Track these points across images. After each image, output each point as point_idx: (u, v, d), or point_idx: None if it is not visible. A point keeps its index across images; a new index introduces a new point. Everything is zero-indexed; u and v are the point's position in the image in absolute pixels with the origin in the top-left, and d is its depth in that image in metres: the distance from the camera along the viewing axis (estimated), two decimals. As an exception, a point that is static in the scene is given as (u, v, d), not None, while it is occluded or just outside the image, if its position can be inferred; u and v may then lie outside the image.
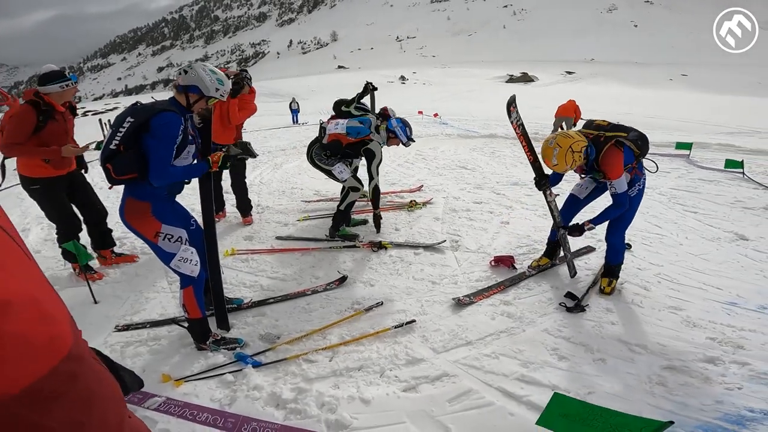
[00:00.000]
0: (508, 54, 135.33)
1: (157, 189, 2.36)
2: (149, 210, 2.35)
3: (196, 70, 2.37)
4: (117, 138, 2.23)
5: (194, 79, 2.36)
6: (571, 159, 2.71)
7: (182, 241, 2.40)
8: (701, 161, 7.16)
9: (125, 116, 2.25)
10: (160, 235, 2.35)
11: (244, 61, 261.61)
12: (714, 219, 4.52)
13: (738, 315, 2.67)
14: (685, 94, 34.02)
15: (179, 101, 2.40)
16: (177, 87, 2.40)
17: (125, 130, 2.22)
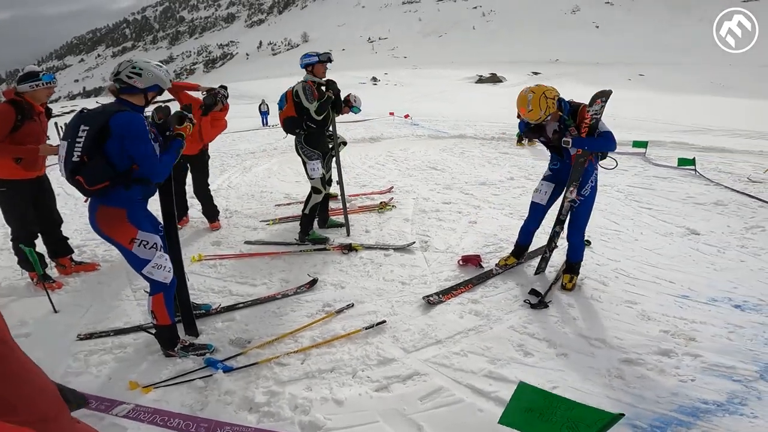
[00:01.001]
0: (478, 55, 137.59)
1: (132, 193, 2.30)
2: (125, 216, 2.30)
3: (148, 68, 2.31)
4: (77, 149, 2.15)
5: (152, 79, 2.32)
6: (545, 104, 2.85)
7: (157, 247, 2.37)
8: (656, 159, 7.50)
9: (77, 125, 2.17)
10: (136, 242, 2.31)
11: (211, 63, 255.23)
12: (667, 215, 4.75)
13: (690, 308, 2.83)
14: (642, 94, 35.49)
15: (135, 102, 2.34)
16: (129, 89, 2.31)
17: (83, 140, 2.15)
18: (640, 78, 69.53)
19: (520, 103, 2.96)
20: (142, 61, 2.34)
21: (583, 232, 3.15)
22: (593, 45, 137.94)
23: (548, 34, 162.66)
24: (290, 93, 4.10)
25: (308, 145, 4.16)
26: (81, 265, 3.85)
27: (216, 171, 8.39)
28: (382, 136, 12.41)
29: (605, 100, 2.88)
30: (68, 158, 2.17)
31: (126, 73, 2.28)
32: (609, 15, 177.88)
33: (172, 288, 2.49)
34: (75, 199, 6.20)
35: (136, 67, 2.30)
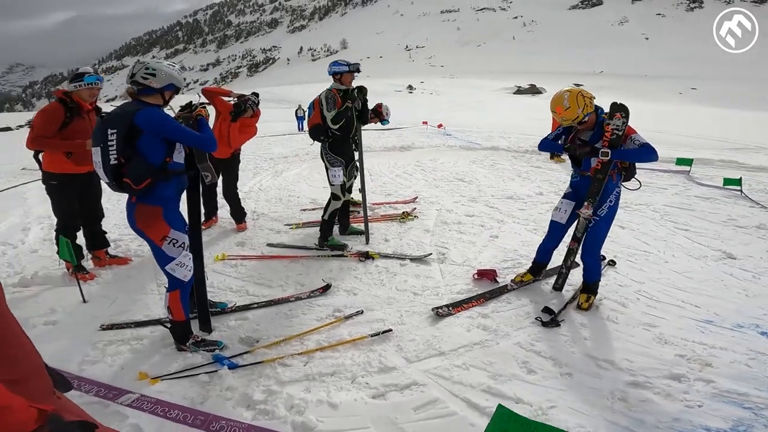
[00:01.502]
0: (517, 65, 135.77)
1: (169, 189, 2.44)
2: (161, 214, 2.43)
3: (162, 69, 2.42)
4: (112, 152, 2.29)
5: (167, 78, 2.42)
6: (583, 102, 2.82)
7: (184, 246, 2.51)
8: (701, 178, 7.15)
9: (104, 130, 2.29)
10: (167, 239, 2.44)
11: (254, 67, 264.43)
12: (704, 237, 4.54)
13: (712, 333, 2.70)
14: (693, 109, 33.95)
15: (153, 102, 2.45)
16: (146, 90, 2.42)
17: (115, 143, 2.28)
18: (692, 92, 66.46)
19: (555, 103, 2.92)
20: (154, 62, 2.47)
21: (598, 252, 3.07)
22: (641, 57, 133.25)
23: (593, 45, 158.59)
24: (317, 101, 4.21)
25: (332, 152, 4.26)
26: (115, 258, 4.08)
27: (249, 174, 8.68)
28: (413, 145, 12.43)
29: (625, 115, 2.81)
30: (105, 162, 2.31)
31: (141, 74, 2.39)
32: (660, 26, 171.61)
33: (189, 286, 2.61)
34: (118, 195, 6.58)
35: (149, 68, 2.41)
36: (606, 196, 2.97)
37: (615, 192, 3.00)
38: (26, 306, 3.23)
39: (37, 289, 3.57)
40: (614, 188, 2.99)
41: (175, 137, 2.40)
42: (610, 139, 2.84)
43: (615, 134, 2.83)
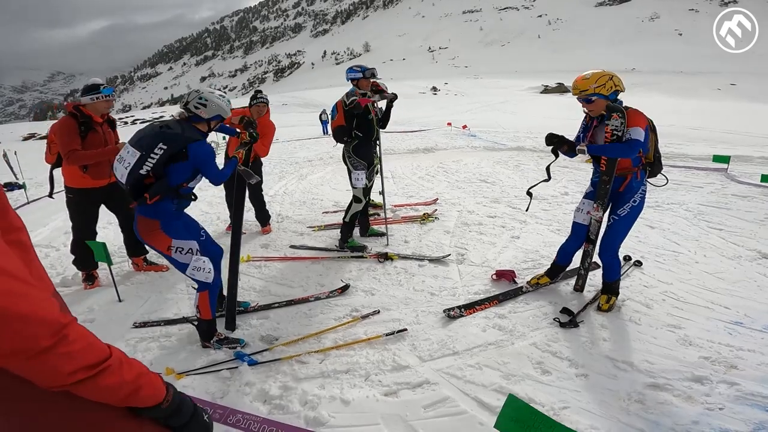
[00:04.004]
0: (543, 64, 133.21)
1: (165, 206, 2.54)
2: (158, 227, 2.53)
3: (212, 100, 2.60)
4: (149, 164, 2.40)
5: (215, 110, 2.61)
6: (602, 80, 2.74)
7: (193, 252, 2.59)
8: (739, 175, 6.85)
9: (156, 141, 2.41)
10: (172, 248, 2.55)
11: (280, 72, 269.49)
12: (739, 237, 4.36)
13: (740, 335, 2.60)
14: (732, 105, 32.40)
15: (201, 128, 2.63)
16: (195, 117, 2.61)
17: (158, 158, 2.40)
18: (731, 88, 63.46)
19: (577, 81, 2.86)
20: (207, 91, 2.64)
21: (615, 251, 2.99)
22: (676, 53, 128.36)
23: (623, 42, 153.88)
24: (340, 103, 4.29)
25: (356, 155, 4.33)
26: (152, 265, 4.18)
27: (275, 178, 8.88)
28: (437, 147, 12.40)
29: (622, 116, 2.74)
30: (136, 169, 2.42)
31: (194, 103, 2.59)
32: (693, 22, 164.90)
33: (216, 286, 2.72)
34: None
35: (203, 99, 2.59)
36: (629, 196, 2.90)
37: (640, 191, 2.91)
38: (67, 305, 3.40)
39: (77, 289, 3.78)
40: (639, 187, 2.90)
41: (203, 170, 2.60)
42: (610, 140, 2.79)
43: (615, 135, 2.77)
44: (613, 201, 3.00)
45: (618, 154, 2.80)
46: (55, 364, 0.79)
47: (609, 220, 2.99)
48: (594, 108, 2.86)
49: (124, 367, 0.91)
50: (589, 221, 3.06)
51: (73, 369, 0.81)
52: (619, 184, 2.94)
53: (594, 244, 3.07)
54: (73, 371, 0.81)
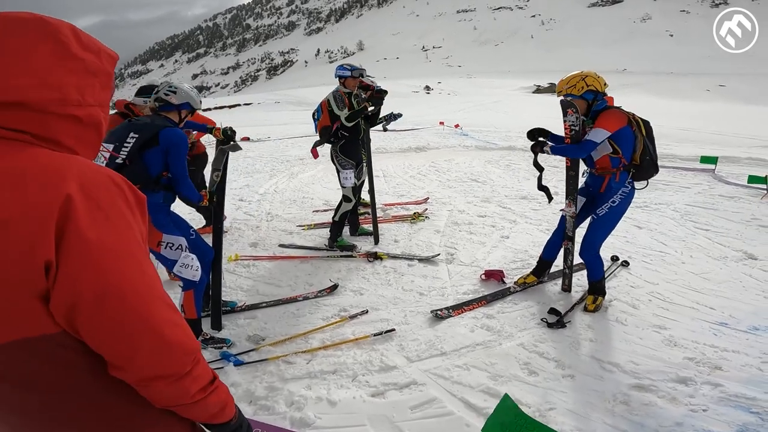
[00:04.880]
0: (536, 64, 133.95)
1: (154, 198, 2.53)
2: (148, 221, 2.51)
3: (182, 88, 2.65)
4: (123, 152, 2.41)
5: (185, 97, 2.64)
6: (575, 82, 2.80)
7: (182, 248, 2.56)
8: (727, 176, 6.93)
9: (126, 132, 2.43)
10: (162, 244, 2.52)
11: (273, 69, 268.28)
12: (725, 237, 4.41)
13: (725, 336, 2.63)
14: (720, 106, 32.82)
15: (172, 118, 2.63)
16: (166, 106, 2.62)
17: (131, 146, 2.41)
18: (720, 89, 64.25)
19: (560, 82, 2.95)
20: (177, 82, 2.70)
21: (596, 250, 2.99)
22: (667, 54, 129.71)
23: (615, 43, 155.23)
24: (325, 103, 4.26)
25: (343, 155, 4.30)
26: None
27: (265, 176, 8.81)
28: (429, 146, 12.38)
29: (576, 110, 2.77)
30: (112, 159, 2.42)
31: (164, 91, 2.63)
32: (684, 23, 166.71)
33: (202, 285, 2.69)
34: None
35: (172, 87, 2.65)
36: (608, 196, 2.90)
37: (621, 192, 2.90)
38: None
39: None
40: (619, 188, 2.90)
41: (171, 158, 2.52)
42: (570, 136, 2.83)
43: (573, 130, 2.82)
44: (595, 200, 3.04)
45: (568, 154, 2.90)
46: (188, 386, 0.83)
47: (589, 220, 3.02)
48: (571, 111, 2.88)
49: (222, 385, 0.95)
50: (587, 216, 3.09)
51: (197, 390, 0.85)
52: (599, 184, 2.98)
53: (572, 241, 3.10)
54: (196, 392, 0.85)
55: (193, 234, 2.83)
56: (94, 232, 0.73)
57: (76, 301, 0.72)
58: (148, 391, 0.82)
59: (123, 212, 0.78)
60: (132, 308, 0.75)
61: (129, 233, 0.79)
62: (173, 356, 0.80)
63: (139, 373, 0.79)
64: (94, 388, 0.81)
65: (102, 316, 0.73)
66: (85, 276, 0.71)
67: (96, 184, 0.76)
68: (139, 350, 0.77)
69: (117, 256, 0.75)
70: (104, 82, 0.85)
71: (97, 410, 0.82)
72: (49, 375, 0.76)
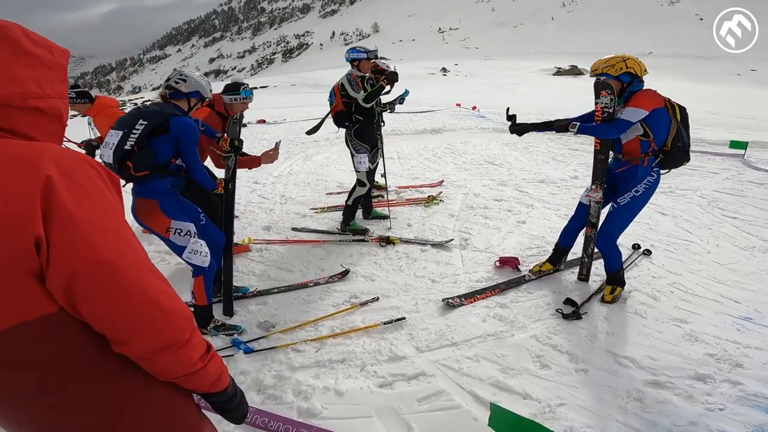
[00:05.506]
0: (556, 46, 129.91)
1: (163, 184, 2.51)
2: (157, 206, 2.51)
3: (192, 76, 2.63)
4: (131, 139, 2.38)
5: (195, 85, 2.61)
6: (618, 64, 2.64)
7: (191, 234, 2.56)
8: (756, 162, 6.63)
9: (135, 119, 2.40)
10: (171, 230, 2.52)
11: (288, 53, 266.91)
12: (753, 226, 4.22)
13: (748, 331, 2.51)
14: (752, 90, 31.45)
15: (181, 106, 2.60)
16: (176, 94, 2.60)
17: (139, 132, 2.38)
18: (751, 73, 61.38)
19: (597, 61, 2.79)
20: (188, 70, 2.69)
21: (612, 240, 2.86)
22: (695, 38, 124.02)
23: (640, 26, 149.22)
24: (337, 87, 4.17)
25: (357, 139, 4.24)
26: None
27: (280, 158, 8.77)
28: (445, 127, 12.16)
29: (611, 92, 2.61)
30: (120, 146, 2.39)
31: (174, 79, 2.61)
32: (714, 6, 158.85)
33: (212, 272, 2.68)
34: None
35: (183, 75, 2.64)
36: (632, 185, 2.76)
37: (646, 181, 2.75)
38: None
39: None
40: (645, 176, 2.75)
41: (182, 146, 2.50)
42: (602, 118, 2.67)
43: (606, 113, 2.66)
44: (614, 187, 2.90)
45: (597, 134, 2.72)
46: (190, 354, 0.88)
47: (609, 208, 2.88)
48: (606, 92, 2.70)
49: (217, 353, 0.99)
50: (589, 202, 2.96)
51: (197, 357, 0.90)
52: (624, 170, 2.82)
53: (595, 228, 2.97)
54: (197, 359, 0.90)
55: (204, 220, 2.82)
56: (78, 208, 0.75)
57: (72, 275, 0.74)
58: (152, 365, 0.85)
59: (102, 190, 0.82)
60: (126, 279, 0.78)
61: (111, 209, 0.82)
62: (173, 323, 0.83)
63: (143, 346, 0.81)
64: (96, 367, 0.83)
65: (98, 288, 0.76)
66: (77, 249, 0.74)
67: (73, 166, 0.78)
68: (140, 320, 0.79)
69: (104, 229, 0.78)
70: (60, 75, 0.88)
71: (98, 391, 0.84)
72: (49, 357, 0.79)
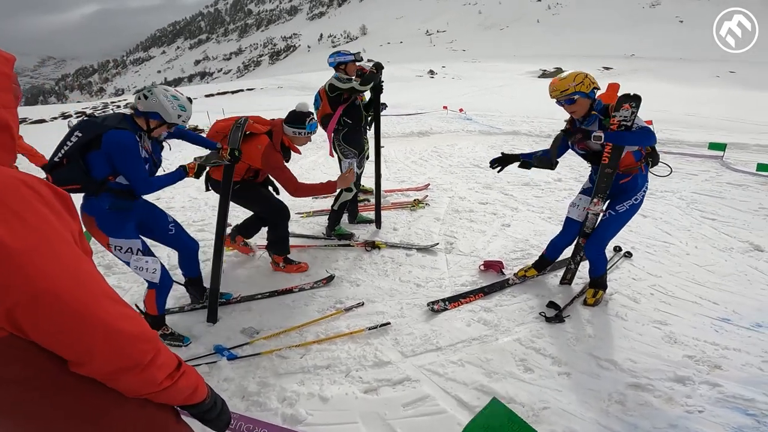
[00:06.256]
0: (542, 49, 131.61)
1: (99, 202, 2.36)
2: (94, 223, 2.39)
3: (157, 95, 2.35)
4: (62, 151, 2.23)
5: (154, 105, 2.35)
6: (581, 79, 2.60)
7: (133, 251, 2.44)
8: (735, 163, 6.77)
9: (74, 130, 2.25)
10: (111, 246, 2.43)
11: (276, 55, 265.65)
12: (732, 227, 4.31)
13: (726, 332, 2.56)
14: (730, 92, 32.19)
15: (139, 123, 2.41)
16: (136, 111, 2.39)
17: (72, 145, 2.22)
18: (730, 75, 62.98)
19: (553, 81, 2.69)
20: (162, 88, 2.38)
21: (603, 247, 2.91)
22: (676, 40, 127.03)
23: (623, 28, 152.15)
24: (323, 91, 4.16)
25: (345, 143, 4.23)
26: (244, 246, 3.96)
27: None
28: (431, 130, 12.22)
29: (635, 105, 2.58)
30: (52, 157, 2.26)
31: (141, 93, 2.38)
32: (695, 9, 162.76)
33: (165, 287, 2.60)
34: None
35: (148, 91, 2.38)
36: (632, 193, 2.77)
37: (644, 188, 2.79)
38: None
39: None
40: (643, 184, 2.79)
41: (117, 163, 2.30)
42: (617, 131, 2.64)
43: (623, 125, 2.59)
44: (613, 196, 2.87)
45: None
46: (155, 375, 0.89)
47: (604, 215, 2.87)
48: (577, 108, 2.71)
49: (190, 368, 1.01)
50: (585, 216, 2.95)
51: (164, 377, 0.91)
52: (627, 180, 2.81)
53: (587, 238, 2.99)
54: (164, 379, 0.91)
55: (173, 229, 2.79)
56: (11, 238, 0.72)
57: (12, 307, 0.73)
58: (116, 384, 0.86)
59: (41, 213, 0.78)
60: (72, 307, 0.76)
61: (52, 233, 0.78)
62: (132, 346, 0.83)
63: (102, 368, 0.82)
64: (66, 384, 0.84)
65: (42, 319, 0.74)
66: (14, 282, 0.72)
67: (6, 192, 0.75)
68: (94, 344, 0.79)
69: (42, 257, 0.75)
70: (3, 84, 0.85)
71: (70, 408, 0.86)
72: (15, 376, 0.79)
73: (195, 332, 2.78)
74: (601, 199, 2.81)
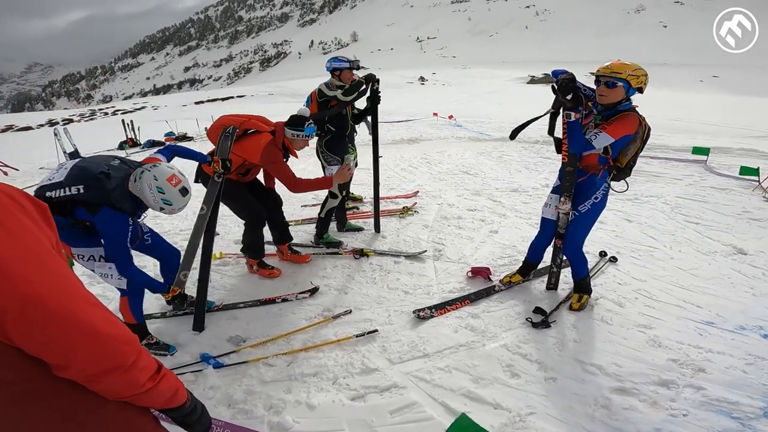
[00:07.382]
0: (531, 55, 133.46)
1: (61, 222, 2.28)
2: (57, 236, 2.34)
3: (142, 184, 2.30)
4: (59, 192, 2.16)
5: (137, 192, 2.34)
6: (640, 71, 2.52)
7: (95, 258, 2.42)
8: (718, 167, 6.88)
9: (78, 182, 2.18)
10: (75, 256, 2.43)
11: (266, 61, 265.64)
12: (715, 231, 4.39)
13: (710, 336, 2.60)
14: (713, 96, 32.87)
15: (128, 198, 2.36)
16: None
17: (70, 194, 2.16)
18: (713, 80, 64.41)
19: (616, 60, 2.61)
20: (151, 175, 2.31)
21: (579, 247, 2.94)
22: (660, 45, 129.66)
23: (609, 34, 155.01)
24: (314, 93, 4.17)
25: (329, 150, 4.24)
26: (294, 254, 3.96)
27: (255, 169, 8.69)
28: (421, 137, 12.27)
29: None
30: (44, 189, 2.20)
31: (137, 174, 2.34)
32: (679, 14, 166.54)
33: (135, 293, 2.57)
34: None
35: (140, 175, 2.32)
36: (592, 192, 2.81)
37: (603, 188, 2.83)
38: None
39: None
40: (601, 184, 2.82)
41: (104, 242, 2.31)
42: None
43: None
44: (576, 196, 2.90)
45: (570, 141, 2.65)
46: (137, 376, 0.91)
47: (570, 216, 2.91)
48: (610, 95, 2.59)
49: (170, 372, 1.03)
50: (557, 215, 2.99)
51: (146, 378, 0.93)
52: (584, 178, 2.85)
53: (562, 239, 3.02)
54: (146, 381, 0.93)
55: (149, 239, 2.78)
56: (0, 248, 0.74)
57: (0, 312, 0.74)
58: (99, 387, 0.88)
59: (23, 222, 0.80)
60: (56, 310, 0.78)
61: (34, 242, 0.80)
62: (113, 348, 0.85)
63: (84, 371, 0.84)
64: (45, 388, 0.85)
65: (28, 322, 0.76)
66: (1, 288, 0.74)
67: None
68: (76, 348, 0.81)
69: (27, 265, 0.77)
70: None
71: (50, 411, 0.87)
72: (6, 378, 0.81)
73: (180, 340, 2.76)
74: (567, 198, 2.85)
